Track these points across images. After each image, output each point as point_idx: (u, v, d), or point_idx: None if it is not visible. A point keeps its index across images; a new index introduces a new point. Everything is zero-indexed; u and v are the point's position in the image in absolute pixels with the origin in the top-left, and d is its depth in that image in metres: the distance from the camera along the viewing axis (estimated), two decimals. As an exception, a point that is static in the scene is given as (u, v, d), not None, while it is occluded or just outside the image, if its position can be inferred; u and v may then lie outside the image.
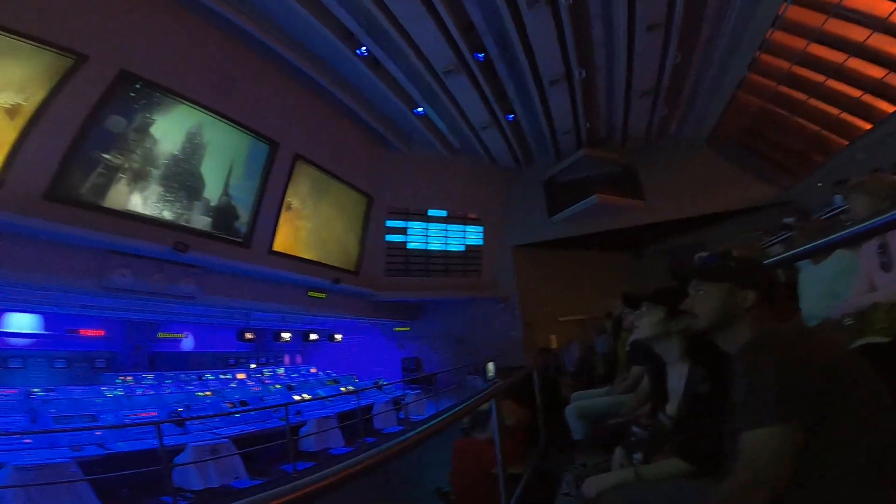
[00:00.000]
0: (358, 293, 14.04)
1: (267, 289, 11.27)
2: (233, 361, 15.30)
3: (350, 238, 14.04)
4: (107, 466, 5.31)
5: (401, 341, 17.52)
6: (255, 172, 10.67)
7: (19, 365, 12.14)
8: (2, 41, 6.52)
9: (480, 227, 16.32)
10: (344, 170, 13.08)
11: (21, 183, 6.81)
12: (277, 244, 11.24)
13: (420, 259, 15.54)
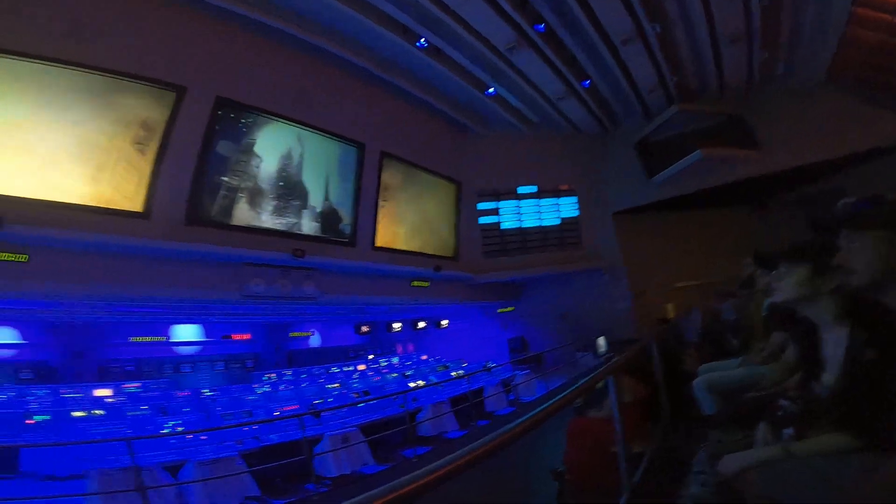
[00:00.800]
0: (458, 278, 14.31)
1: (375, 283, 11.95)
2: (353, 354, 16.52)
3: (445, 225, 14.35)
4: (262, 457, 6.02)
5: (505, 322, 17.52)
6: (349, 175, 11.37)
7: (189, 370, 14.45)
8: (114, 82, 7.58)
9: (574, 198, 15.65)
10: (429, 160, 13.38)
11: (164, 212, 8.01)
12: (379, 240, 11.93)
13: (515, 238, 15.35)
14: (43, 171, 7.02)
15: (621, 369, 3.18)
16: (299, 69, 10.02)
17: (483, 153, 14.44)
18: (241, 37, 9.00)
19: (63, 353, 13.61)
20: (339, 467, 5.96)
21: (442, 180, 14.12)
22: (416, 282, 13.07)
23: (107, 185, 7.60)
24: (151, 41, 8.00)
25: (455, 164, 14.18)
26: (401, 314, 16.74)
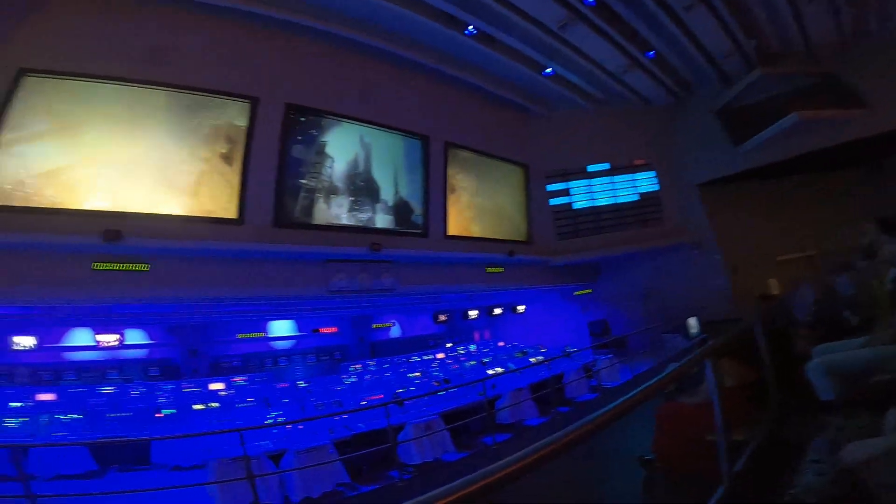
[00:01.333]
0: (533, 262, 14.13)
1: (449, 271, 12.15)
2: (432, 343, 16.92)
3: (516, 209, 14.23)
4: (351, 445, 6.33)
5: (584, 304, 16.96)
6: (416, 167, 11.64)
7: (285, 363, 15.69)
8: (199, 100, 8.33)
9: (652, 172, 14.71)
10: (493, 146, 13.35)
11: (255, 217, 8.75)
12: (451, 228, 12.14)
13: (589, 217, 14.78)
14: (152, 188, 7.94)
15: (721, 352, 2.95)
16: (360, 70, 10.38)
17: (548, 134, 14.11)
18: (303, 45, 9.48)
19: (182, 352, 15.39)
20: (421, 455, 6.13)
21: (509, 165, 14.01)
22: (491, 268, 13.09)
23: (206, 196, 8.43)
24: (223, 57, 8.70)
25: (521, 148, 14.01)
26: (477, 301, 16.85)
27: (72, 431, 7.69)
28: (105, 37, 7.69)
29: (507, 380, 9.22)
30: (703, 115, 13.67)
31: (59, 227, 6.97)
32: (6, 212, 6.87)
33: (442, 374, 10.27)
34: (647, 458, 3.51)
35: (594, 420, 1.66)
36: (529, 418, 7.98)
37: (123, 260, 7.61)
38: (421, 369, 11.23)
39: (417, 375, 10.36)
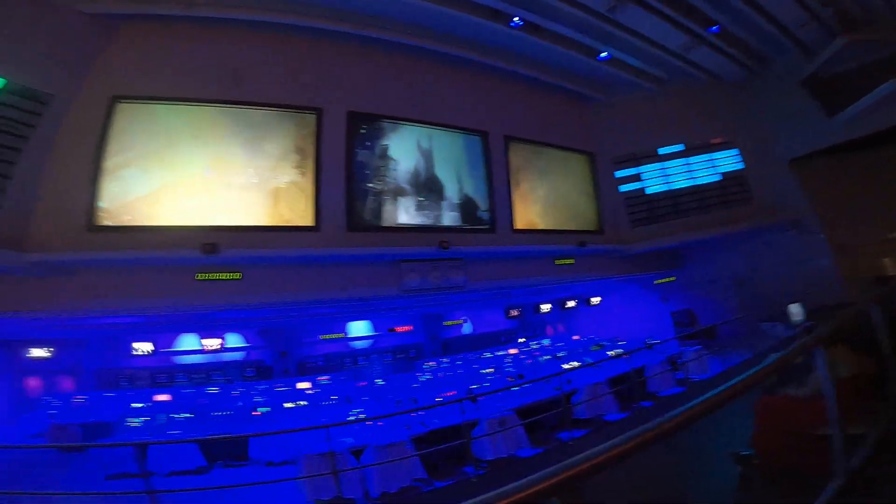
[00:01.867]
0: (605, 252, 13.59)
1: (518, 265, 12.03)
2: (504, 338, 16.83)
3: (584, 199, 13.75)
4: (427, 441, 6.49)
5: (664, 294, 15.97)
6: (478, 163, 11.64)
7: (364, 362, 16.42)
8: (272, 116, 9.02)
9: (734, 150, 13.53)
10: (554, 136, 13.05)
11: (329, 223, 9.25)
12: (518, 222, 12.01)
13: (666, 202, 13.89)
14: (241, 202, 8.67)
15: (833, 339, 2.67)
16: (414, 73, 10.63)
17: (612, 120, 13.55)
18: (358, 53, 9.87)
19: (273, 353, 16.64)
20: (495, 450, 6.11)
21: (572, 154, 13.58)
22: (560, 260, 12.77)
23: (284, 206, 9.05)
24: (287, 72, 9.31)
25: (584, 136, 13.60)
26: (548, 295, 16.50)
27: (184, 430, 8.55)
28: (184, 60, 8.55)
29: (583, 374, 8.92)
30: (786, 86, 12.34)
31: (166, 243, 7.89)
32: (121, 232, 7.83)
33: (515, 369, 10.17)
34: (744, 453, 3.24)
35: (683, 414, 1.55)
36: (609, 413, 7.65)
37: (220, 270, 8.46)
38: (493, 365, 11.19)
39: (490, 371, 10.34)
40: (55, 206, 7.54)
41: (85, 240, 7.60)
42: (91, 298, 7.89)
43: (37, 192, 7.40)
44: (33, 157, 7.31)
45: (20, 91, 7.09)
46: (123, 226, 7.88)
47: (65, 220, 7.55)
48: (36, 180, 7.39)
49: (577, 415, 7.35)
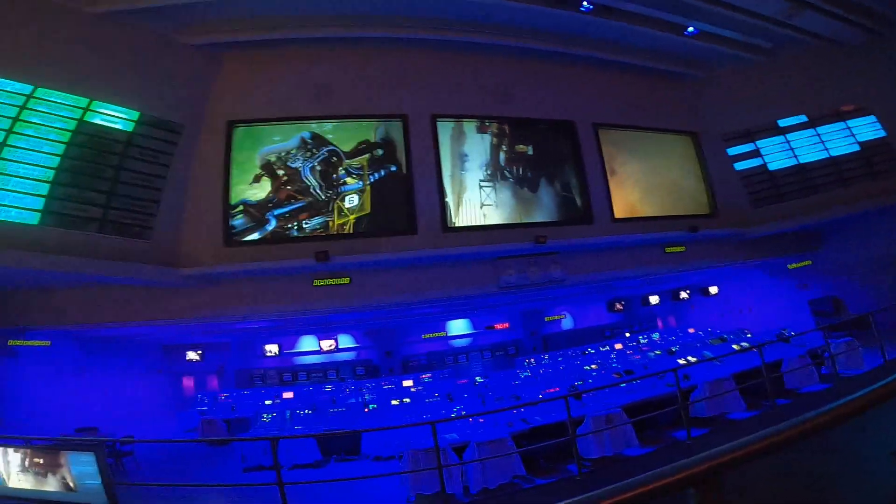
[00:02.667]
0: (722, 236, 12.29)
1: (621, 256, 11.41)
2: (608, 333, 16.00)
3: (691, 181, 12.57)
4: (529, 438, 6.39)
5: (801, 280, 13.92)
6: (567, 153, 11.22)
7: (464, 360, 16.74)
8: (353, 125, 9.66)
9: (870, 117, 11.42)
10: (649, 119, 12.23)
11: (427, 225, 9.59)
12: (617, 211, 11.39)
13: (793, 178, 12.15)
14: (341, 209, 9.38)
15: None
16: (493, 71, 10.62)
17: (715, 95, 12.33)
18: (438, 57, 10.08)
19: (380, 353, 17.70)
20: (600, 449, 5.80)
21: (672, 135, 12.53)
22: (670, 247, 11.83)
23: (383, 212, 9.58)
24: (372, 83, 9.80)
25: (683, 115, 12.56)
26: (657, 285, 15.33)
27: (305, 425, 9.41)
28: (279, 81, 9.45)
29: (702, 369, 8.12)
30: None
31: (287, 254, 8.79)
32: (251, 245, 8.91)
33: (621, 365, 9.59)
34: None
35: (833, 411, 1.38)
36: (734, 411, 6.84)
37: (332, 276, 9.26)
38: (597, 361, 10.66)
39: (594, 367, 9.88)
40: (197, 225, 8.81)
41: (223, 254, 8.76)
42: (230, 306, 9.12)
43: (182, 214, 8.70)
44: (175, 182, 8.60)
45: (154, 122, 8.37)
46: (252, 240, 8.94)
47: (206, 238, 8.79)
48: (181, 203, 8.68)
49: (696, 413, 6.71)
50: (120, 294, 8.71)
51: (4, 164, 7.06)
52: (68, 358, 11.27)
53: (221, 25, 8.52)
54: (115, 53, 7.92)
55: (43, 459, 4.14)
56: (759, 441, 1.28)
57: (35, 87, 7.35)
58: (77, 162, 7.62)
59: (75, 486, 4.03)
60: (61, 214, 7.43)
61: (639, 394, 7.44)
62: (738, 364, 8.22)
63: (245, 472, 8.24)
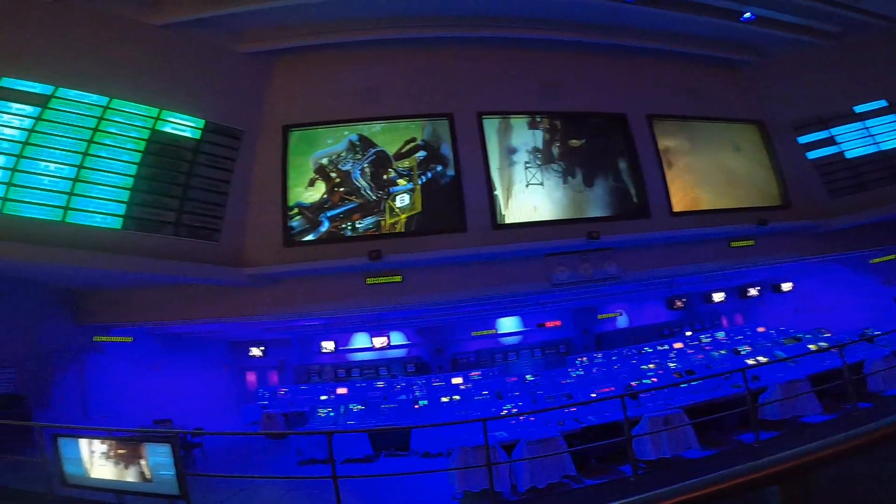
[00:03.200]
0: (795, 229, 11.40)
1: (682, 251, 10.85)
2: (666, 332, 15.26)
3: (759, 171, 11.77)
4: (580, 438, 6.23)
5: (886, 276, 12.68)
6: (621, 147, 10.84)
7: (514, 358, 16.59)
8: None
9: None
10: (707, 108, 11.61)
11: (477, 222, 9.57)
12: (676, 205, 10.86)
13: (875, 165, 11.12)
14: (397, 210, 9.57)
15: None
16: (540, 66, 10.45)
17: (781, 82, 11.55)
18: (483, 54, 10.08)
19: (430, 350, 17.92)
20: (657, 450, 5.52)
21: (735, 124, 11.80)
22: (737, 241, 11.12)
23: (428, 210, 9.67)
24: (418, 82, 9.93)
25: (745, 104, 11.85)
26: (722, 282, 14.44)
27: (357, 420, 9.67)
28: (329, 85, 9.77)
29: (773, 370, 7.58)
30: None
31: (342, 253, 9.08)
32: (308, 245, 9.26)
33: (681, 365, 9.13)
34: None
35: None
36: (809, 415, 6.31)
37: (384, 274, 9.45)
38: (655, 360, 10.19)
39: (652, 367, 9.46)
40: (259, 226, 9.26)
41: (283, 254, 9.17)
42: (289, 304, 9.53)
43: (245, 216, 9.20)
44: (238, 186, 9.12)
45: (217, 129, 8.91)
46: (309, 240, 9.31)
47: (267, 239, 9.23)
48: (244, 206, 9.19)
49: (766, 415, 6.25)
50: (190, 293, 9.37)
51: (88, 174, 7.77)
52: (147, 353, 12.26)
53: (272, 33, 8.99)
54: (179, 64, 8.53)
55: (124, 450, 4.31)
56: (848, 441, 1.18)
57: (110, 98, 8.04)
58: (152, 169, 8.27)
59: (151, 476, 4.20)
60: (140, 219, 8.09)
61: (701, 395, 7.05)
62: (814, 365, 7.61)
63: (300, 465, 8.60)
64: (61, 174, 7.55)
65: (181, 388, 13.51)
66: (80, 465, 4.36)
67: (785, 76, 11.44)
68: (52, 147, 7.53)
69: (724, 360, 9.03)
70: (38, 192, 7.35)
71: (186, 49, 8.53)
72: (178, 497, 4.14)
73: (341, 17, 8.94)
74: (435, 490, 6.27)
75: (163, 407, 12.07)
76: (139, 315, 9.64)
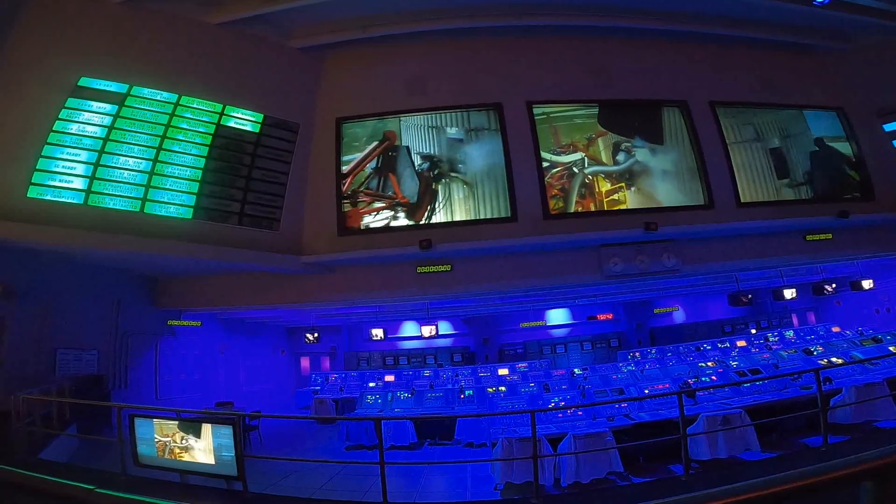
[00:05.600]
0: (880, 221, 10.39)
1: (748, 244, 10.19)
2: (728, 328, 14.42)
3: (836, 159, 10.79)
4: (631, 434, 6.04)
5: None
6: (681, 136, 10.28)
7: (562, 350, 16.32)
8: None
9: None
10: (777, 95, 10.80)
11: (528, 212, 9.40)
12: (744, 195, 10.18)
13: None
14: (447, 200, 9.62)
15: None
16: (592, 53, 10.14)
17: (862, 68, 10.62)
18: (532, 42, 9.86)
19: (477, 340, 18.01)
20: (712, 451, 5.26)
21: (808, 111, 10.85)
22: (813, 235, 10.30)
23: (481, 199, 9.63)
24: (464, 74, 9.90)
25: (822, 90, 10.96)
26: (792, 277, 13.44)
27: (404, 408, 9.88)
28: (380, 79, 9.90)
29: (848, 372, 7.00)
30: None
31: (394, 241, 9.21)
32: (362, 234, 9.49)
33: (744, 363, 8.62)
34: None
35: None
36: (885, 419, 5.79)
37: (434, 263, 9.54)
38: (715, 357, 9.66)
39: (711, 365, 8.99)
40: (315, 215, 9.59)
41: (338, 243, 9.47)
42: (344, 291, 9.86)
43: (303, 206, 9.58)
44: (296, 177, 9.49)
45: (275, 123, 9.32)
46: (363, 228, 9.54)
47: (323, 227, 9.55)
48: (301, 196, 9.56)
49: (837, 419, 5.79)
50: (253, 280, 9.93)
51: (163, 167, 8.38)
52: (213, 338, 13.15)
53: (322, 28, 9.19)
54: (237, 60, 8.97)
55: (190, 432, 4.41)
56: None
57: (179, 95, 8.59)
58: (218, 162, 8.79)
59: (214, 457, 4.30)
60: (208, 209, 8.62)
61: (765, 395, 6.64)
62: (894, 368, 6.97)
63: (347, 450, 8.93)
64: (139, 168, 8.20)
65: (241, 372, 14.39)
66: (152, 445, 4.52)
67: (868, 62, 10.48)
68: (129, 143, 8.16)
69: (794, 360, 8.44)
70: (119, 185, 8.00)
71: (243, 46, 8.97)
72: (236, 478, 4.24)
73: (388, 11, 9.04)
74: (477, 480, 6.33)
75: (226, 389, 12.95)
76: (208, 300, 10.35)
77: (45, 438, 5.83)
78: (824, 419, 4.48)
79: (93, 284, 9.11)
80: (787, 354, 9.11)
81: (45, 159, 7.56)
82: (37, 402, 6.00)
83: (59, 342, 8.33)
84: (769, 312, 14.94)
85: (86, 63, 7.98)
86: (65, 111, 7.79)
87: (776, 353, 9.58)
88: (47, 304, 8.15)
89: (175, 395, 11.08)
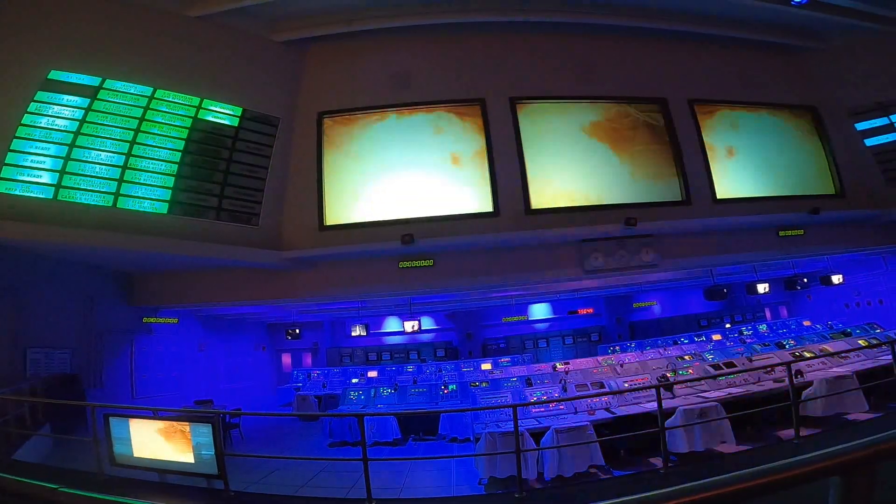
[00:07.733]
0: (850, 218, 10.77)
1: (725, 240, 10.46)
2: (704, 322, 14.80)
3: (811, 159, 11.12)
4: (610, 428, 6.17)
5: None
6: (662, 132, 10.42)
7: (544, 345, 16.51)
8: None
9: None
10: (754, 94, 11.01)
11: (508, 208, 9.40)
12: (720, 192, 10.39)
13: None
14: (429, 193, 9.53)
15: None
16: (576, 50, 10.18)
17: (836, 68, 10.92)
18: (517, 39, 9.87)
19: (460, 335, 18.07)
20: (690, 443, 5.42)
21: (785, 110, 11.20)
22: (785, 231, 10.60)
23: (467, 195, 9.60)
24: (448, 68, 9.84)
25: (796, 89, 11.22)
26: (766, 273, 13.84)
27: (387, 404, 9.86)
28: (361, 73, 9.78)
29: (819, 365, 7.26)
30: None
31: (375, 236, 9.15)
32: (342, 229, 9.39)
33: (719, 356, 8.86)
34: None
35: None
36: (854, 412, 6.03)
37: (416, 258, 9.51)
38: (692, 351, 9.90)
39: (688, 358, 9.21)
40: (295, 211, 9.45)
41: (318, 238, 9.35)
42: (325, 286, 9.75)
43: (283, 201, 9.42)
44: (276, 171, 9.33)
45: (254, 117, 9.14)
46: (344, 224, 9.41)
47: (303, 223, 9.42)
48: (282, 191, 9.40)
49: (807, 412, 6.01)
50: (232, 276, 9.74)
51: (137, 161, 8.13)
52: (191, 335, 12.89)
53: (305, 21, 9.03)
54: (216, 53, 8.74)
55: (168, 430, 4.38)
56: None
57: (154, 88, 8.35)
58: (195, 156, 8.57)
59: (194, 456, 4.28)
60: (185, 204, 8.41)
61: (740, 388, 6.84)
62: (864, 361, 7.24)
63: (330, 446, 8.88)
64: (111, 162, 7.94)
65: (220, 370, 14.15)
66: (129, 445, 4.44)
67: (841, 62, 10.76)
68: (101, 136, 7.90)
69: (765, 354, 8.70)
70: (90, 180, 7.74)
71: (223, 39, 8.74)
72: (217, 477, 4.22)
73: (372, 4, 8.92)
74: (462, 475, 6.38)
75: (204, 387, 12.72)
76: (185, 297, 10.11)
77: (19, 439, 5.67)
78: (796, 412, 4.63)
79: (64, 281, 8.82)
80: (760, 348, 9.40)
81: (13, 153, 7.27)
82: (9, 403, 5.82)
83: (29, 341, 8.05)
84: (743, 307, 15.37)
85: (57, 56, 7.67)
86: (34, 104, 7.48)
87: (750, 346, 9.87)
88: (17, 302, 7.86)
89: (153, 394, 10.84)
